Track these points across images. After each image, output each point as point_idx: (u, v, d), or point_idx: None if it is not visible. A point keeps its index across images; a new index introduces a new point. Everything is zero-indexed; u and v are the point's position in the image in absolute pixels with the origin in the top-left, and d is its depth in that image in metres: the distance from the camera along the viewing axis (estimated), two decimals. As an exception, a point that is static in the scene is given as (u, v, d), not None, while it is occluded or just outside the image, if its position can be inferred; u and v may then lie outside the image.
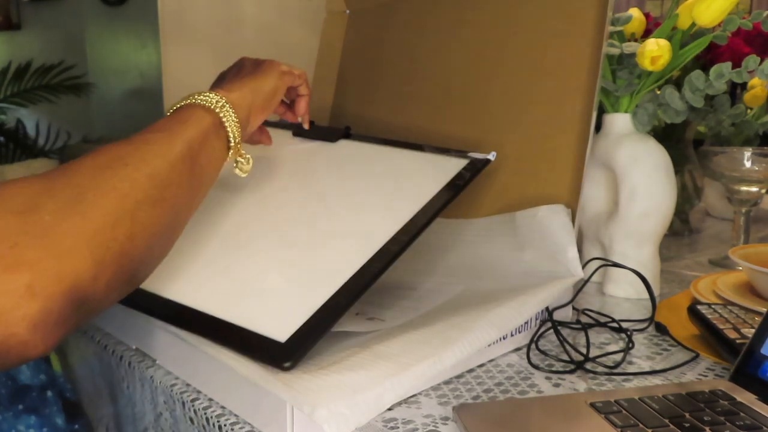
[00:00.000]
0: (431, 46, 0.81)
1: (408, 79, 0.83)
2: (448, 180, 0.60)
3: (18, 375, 0.52)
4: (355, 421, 0.40)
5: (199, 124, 0.50)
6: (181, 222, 0.48)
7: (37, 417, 0.52)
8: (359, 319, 0.55)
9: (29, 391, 0.52)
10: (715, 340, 0.55)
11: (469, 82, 0.76)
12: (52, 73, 2.79)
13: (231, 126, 0.52)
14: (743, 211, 0.90)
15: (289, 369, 0.42)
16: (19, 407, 0.51)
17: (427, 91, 0.80)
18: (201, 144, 0.49)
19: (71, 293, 0.36)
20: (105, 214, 0.39)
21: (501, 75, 0.73)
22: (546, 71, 0.69)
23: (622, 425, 0.40)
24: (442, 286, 0.64)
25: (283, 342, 0.44)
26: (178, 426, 0.50)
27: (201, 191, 0.50)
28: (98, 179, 0.41)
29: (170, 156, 0.46)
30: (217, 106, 0.52)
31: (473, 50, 0.76)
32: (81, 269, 0.37)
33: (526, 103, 0.70)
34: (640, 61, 0.67)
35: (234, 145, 0.53)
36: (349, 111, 0.90)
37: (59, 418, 0.53)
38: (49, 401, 0.53)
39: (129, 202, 0.41)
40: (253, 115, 0.57)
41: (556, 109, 0.67)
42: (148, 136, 0.46)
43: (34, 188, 0.38)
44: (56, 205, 0.38)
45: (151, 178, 0.43)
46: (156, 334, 0.53)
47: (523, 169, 0.69)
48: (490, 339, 0.50)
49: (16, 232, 0.35)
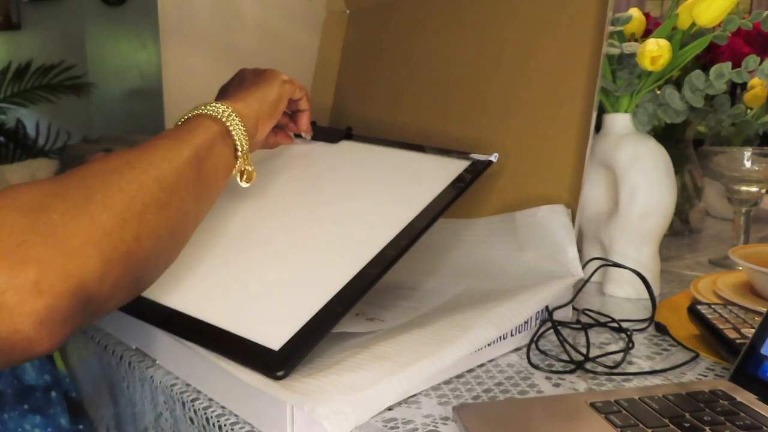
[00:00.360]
0: (431, 46, 0.81)
1: (408, 78, 0.83)
2: (449, 181, 0.60)
3: (23, 375, 0.52)
4: (355, 419, 0.40)
5: (206, 132, 0.51)
6: (189, 227, 0.48)
7: (42, 417, 0.52)
8: (359, 319, 0.55)
9: (34, 391, 0.52)
10: (715, 340, 0.55)
11: (469, 81, 0.76)
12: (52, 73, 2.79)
13: (238, 134, 0.53)
14: (743, 211, 0.90)
15: (282, 378, 0.41)
16: (25, 407, 0.51)
17: (427, 90, 0.80)
18: (208, 151, 0.50)
19: (78, 291, 0.36)
20: (113, 215, 0.40)
21: (501, 75, 0.73)
22: (546, 71, 0.69)
23: (622, 425, 0.40)
24: (442, 287, 0.64)
25: (277, 350, 0.43)
26: (178, 426, 0.50)
27: (208, 198, 0.51)
28: (107, 181, 0.41)
29: (177, 161, 0.46)
30: (224, 115, 0.53)
31: (473, 50, 0.76)
32: (88, 268, 0.37)
33: (526, 103, 0.70)
34: (640, 61, 0.67)
35: (242, 153, 0.54)
36: (349, 110, 0.90)
37: (63, 419, 0.53)
38: (54, 401, 0.53)
39: (136, 204, 0.41)
40: (260, 123, 0.59)
41: (556, 109, 0.67)
42: (156, 143, 0.47)
43: (43, 189, 0.39)
44: (65, 205, 0.38)
45: (158, 182, 0.44)
46: (156, 334, 0.53)
47: (523, 169, 0.69)
48: (489, 338, 0.50)
49: (24, 230, 0.35)
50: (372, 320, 0.55)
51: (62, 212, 0.38)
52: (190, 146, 0.48)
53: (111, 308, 0.41)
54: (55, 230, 0.36)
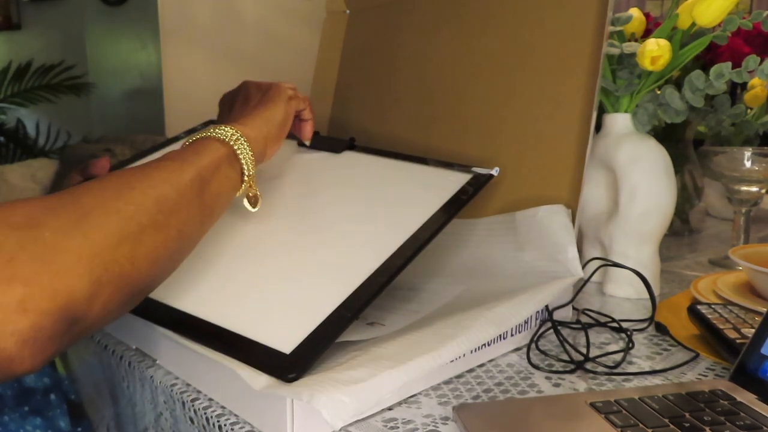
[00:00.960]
0: (431, 47, 0.81)
1: (408, 78, 0.83)
2: (451, 194, 0.61)
3: (23, 378, 0.52)
4: (354, 408, 0.40)
5: (213, 154, 0.50)
6: (187, 248, 0.48)
7: (42, 419, 0.52)
8: (359, 324, 0.55)
9: (34, 393, 0.52)
10: (715, 340, 0.55)
11: (470, 82, 0.76)
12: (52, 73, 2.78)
13: (245, 158, 0.53)
14: (743, 211, 0.90)
15: (293, 380, 0.42)
16: (25, 409, 0.51)
17: (427, 91, 0.80)
18: (213, 173, 0.49)
19: (64, 311, 0.35)
20: (107, 235, 0.39)
21: (501, 74, 0.73)
22: (546, 71, 0.69)
23: (622, 425, 0.40)
24: (442, 288, 0.64)
25: (288, 353, 0.44)
26: (178, 426, 0.50)
27: (211, 220, 0.50)
28: (103, 201, 0.41)
29: (180, 183, 0.46)
30: (232, 138, 0.53)
31: (473, 49, 0.76)
32: (77, 288, 0.36)
33: (526, 103, 0.70)
34: (640, 61, 0.67)
35: (248, 177, 0.54)
36: (350, 112, 0.91)
37: (63, 421, 0.53)
38: (53, 404, 0.53)
39: (133, 225, 0.41)
40: (269, 146, 0.59)
41: (555, 109, 0.67)
42: (160, 163, 0.47)
43: (38, 206, 0.38)
44: (58, 223, 0.37)
45: (157, 203, 0.43)
46: (156, 334, 0.53)
47: (523, 169, 0.69)
48: (488, 336, 0.50)
49: (13, 247, 0.35)
50: (372, 324, 0.55)
51: (55, 230, 0.37)
52: (194, 168, 0.48)
53: (100, 327, 0.40)
54: (46, 248, 0.36)
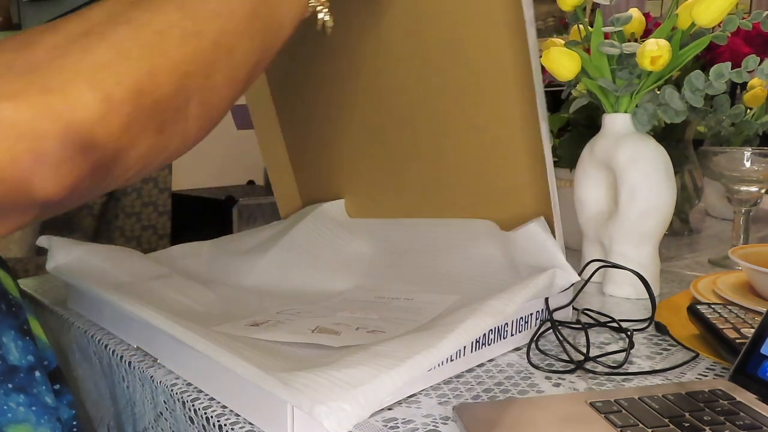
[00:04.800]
0: (358, 70, 0.73)
1: (344, 106, 0.77)
2: None
3: (7, 355, 0.51)
4: (355, 416, 0.40)
5: None
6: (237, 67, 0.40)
7: (26, 396, 0.51)
8: (360, 332, 0.55)
9: (17, 371, 0.52)
10: (715, 340, 0.55)
11: (407, 102, 0.69)
12: (52, 73, 2.79)
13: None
14: (743, 211, 0.90)
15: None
16: (9, 386, 0.50)
17: (366, 120, 0.75)
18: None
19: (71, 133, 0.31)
20: (111, 45, 0.33)
21: (437, 87, 0.66)
22: (476, 73, 0.62)
23: (622, 425, 0.40)
24: (436, 298, 0.64)
25: None
26: (178, 426, 0.50)
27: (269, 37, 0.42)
28: (112, 12, 0.35)
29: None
30: None
31: (402, 69, 0.68)
32: (79, 106, 0.32)
33: (468, 112, 0.64)
34: (640, 61, 0.67)
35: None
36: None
37: (48, 397, 0.52)
38: (37, 381, 0.52)
39: (147, 33, 0.35)
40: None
41: (495, 110, 0.61)
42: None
43: (39, 28, 0.34)
44: (56, 40, 0.33)
45: (181, 7, 0.37)
46: (157, 333, 0.53)
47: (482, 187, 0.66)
48: (485, 326, 0.49)
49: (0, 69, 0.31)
50: (373, 332, 0.55)
51: (51, 48, 0.32)
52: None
53: (134, 160, 0.36)
54: (37, 66, 0.32)
